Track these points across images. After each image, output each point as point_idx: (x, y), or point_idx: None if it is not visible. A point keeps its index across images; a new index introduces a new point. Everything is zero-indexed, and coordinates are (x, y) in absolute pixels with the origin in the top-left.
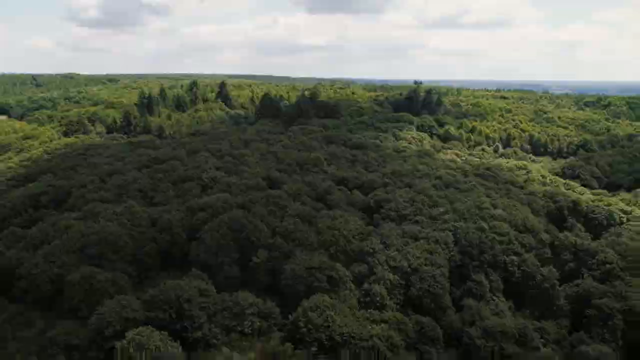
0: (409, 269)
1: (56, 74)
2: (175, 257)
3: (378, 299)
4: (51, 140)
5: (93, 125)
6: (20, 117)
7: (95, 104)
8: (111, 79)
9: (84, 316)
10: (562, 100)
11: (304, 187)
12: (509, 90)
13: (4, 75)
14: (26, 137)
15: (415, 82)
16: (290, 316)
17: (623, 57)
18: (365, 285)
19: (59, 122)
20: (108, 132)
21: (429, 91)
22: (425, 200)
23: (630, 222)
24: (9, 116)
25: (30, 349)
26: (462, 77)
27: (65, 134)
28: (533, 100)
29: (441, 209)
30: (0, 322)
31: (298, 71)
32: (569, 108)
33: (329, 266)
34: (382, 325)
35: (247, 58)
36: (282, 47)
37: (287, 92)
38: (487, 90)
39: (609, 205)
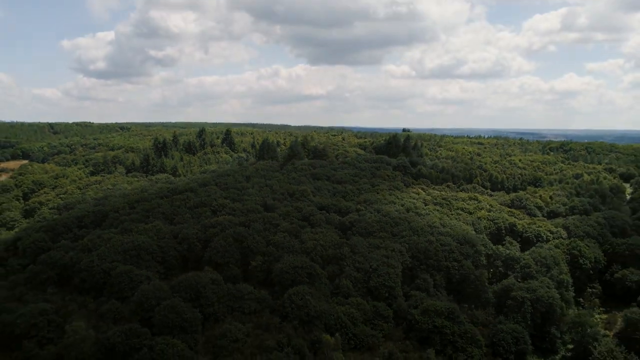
0: (370, 268)
1: (72, 122)
2: (192, 261)
3: (345, 289)
4: (80, 179)
5: (115, 166)
6: (41, 161)
7: (111, 149)
8: (122, 127)
9: (127, 296)
10: (531, 146)
11: (292, 211)
12: (488, 138)
13: (23, 124)
14: (57, 177)
15: (404, 130)
16: (278, 301)
17: (616, 107)
18: (336, 280)
19: (84, 164)
20: (128, 172)
21: (407, 137)
22: (388, 221)
23: (554, 240)
24: (31, 160)
25: (89, 321)
26: (460, 125)
27: (92, 173)
28: (506, 145)
29: (400, 227)
30: (64, 304)
31: (299, 119)
32: (535, 153)
33: (309, 266)
34: (346, 306)
35: (250, 107)
36: (283, 97)
37: (284, 139)
38: (468, 137)
39: (540, 227)
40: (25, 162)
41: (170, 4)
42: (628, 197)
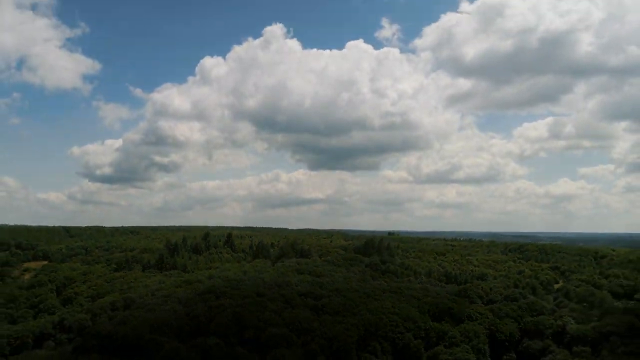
0: (333, 337)
1: (85, 226)
2: (200, 332)
3: (314, 352)
4: (105, 274)
5: (133, 264)
6: (60, 261)
7: (124, 251)
8: (132, 231)
9: (154, 357)
10: (495, 247)
11: (278, 296)
12: (461, 240)
13: (40, 227)
14: (85, 273)
15: (389, 233)
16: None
17: (612, 210)
18: (308, 346)
19: (105, 262)
20: (144, 269)
21: (381, 239)
22: (351, 304)
23: (481, 319)
24: (50, 261)
25: None
26: (459, 228)
27: (116, 270)
28: (473, 248)
29: (359, 308)
30: None
31: (298, 222)
32: (496, 253)
33: (287, 335)
34: None
35: (250, 210)
36: (283, 200)
37: (278, 240)
38: (444, 240)
39: (472, 310)
40: (45, 262)
41: (179, 114)
42: (556, 288)
